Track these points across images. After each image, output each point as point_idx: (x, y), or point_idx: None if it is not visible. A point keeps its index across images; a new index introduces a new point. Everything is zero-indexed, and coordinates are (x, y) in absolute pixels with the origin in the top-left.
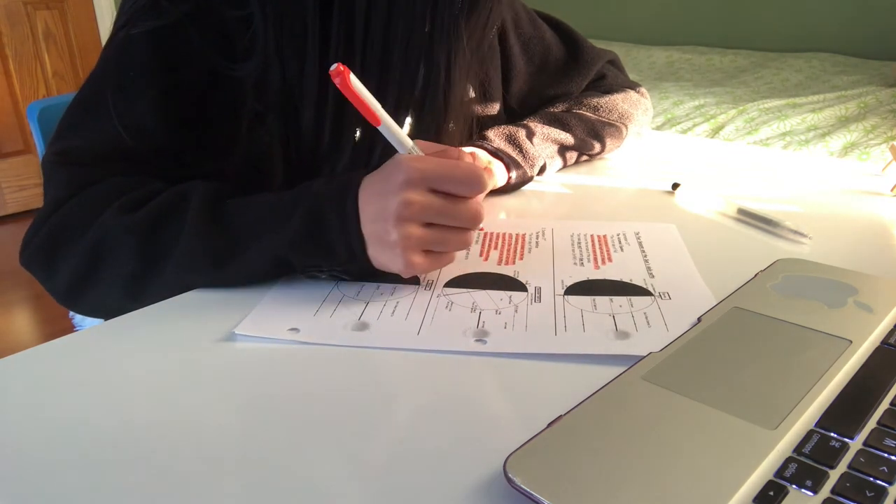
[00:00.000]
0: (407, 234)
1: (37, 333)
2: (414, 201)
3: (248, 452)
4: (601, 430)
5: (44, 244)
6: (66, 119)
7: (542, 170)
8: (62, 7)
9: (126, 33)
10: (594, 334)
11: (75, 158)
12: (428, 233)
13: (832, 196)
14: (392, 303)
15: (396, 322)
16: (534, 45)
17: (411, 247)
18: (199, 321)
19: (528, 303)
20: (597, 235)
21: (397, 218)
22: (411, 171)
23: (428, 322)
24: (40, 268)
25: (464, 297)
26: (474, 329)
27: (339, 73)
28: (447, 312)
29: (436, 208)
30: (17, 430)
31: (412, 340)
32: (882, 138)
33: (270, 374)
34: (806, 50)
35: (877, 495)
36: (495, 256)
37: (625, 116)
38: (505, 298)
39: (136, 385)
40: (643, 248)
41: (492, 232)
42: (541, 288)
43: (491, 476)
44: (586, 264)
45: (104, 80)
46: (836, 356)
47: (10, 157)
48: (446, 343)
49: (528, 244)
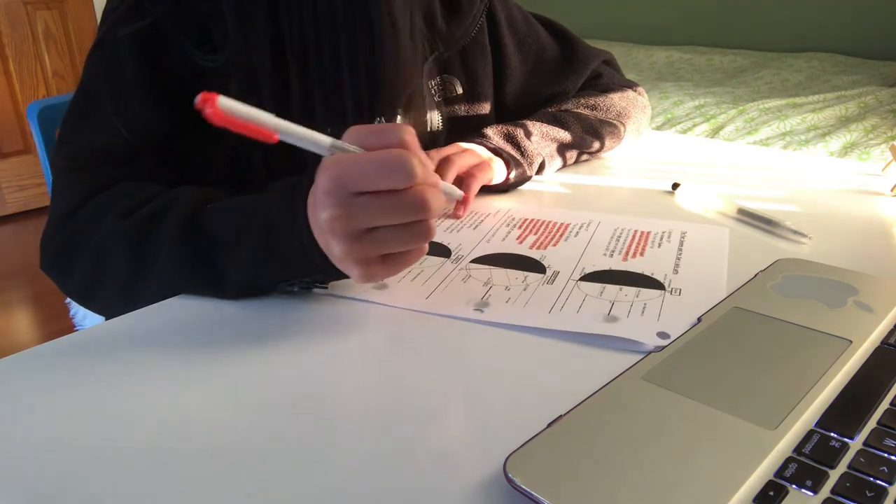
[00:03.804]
0: (347, 249)
1: (37, 333)
2: (339, 214)
3: (246, 453)
4: (601, 430)
5: (58, 251)
6: (67, 124)
7: (541, 168)
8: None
9: (113, 35)
10: (585, 316)
11: (81, 164)
12: (372, 240)
13: (832, 196)
14: (417, 270)
15: (414, 286)
16: (529, 43)
17: (357, 260)
18: (200, 321)
19: (540, 284)
20: (641, 231)
21: (331, 233)
22: (325, 180)
23: (441, 289)
24: (57, 274)
25: (483, 272)
26: (478, 300)
27: (205, 101)
28: (461, 284)
29: (367, 213)
30: (17, 430)
31: (420, 303)
32: (882, 138)
33: (270, 373)
34: (806, 50)
35: (877, 495)
36: (531, 241)
37: (623, 115)
38: (520, 277)
39: (136, 385)
40: (681, 247)
41: (535, 219)
42: (559, 272)
43: (491, 476)
44: (615, 256)
45: (97, 82)
46: (836, 356)
47: (10, 157)
48: (447, 309)
49: (568, 233)
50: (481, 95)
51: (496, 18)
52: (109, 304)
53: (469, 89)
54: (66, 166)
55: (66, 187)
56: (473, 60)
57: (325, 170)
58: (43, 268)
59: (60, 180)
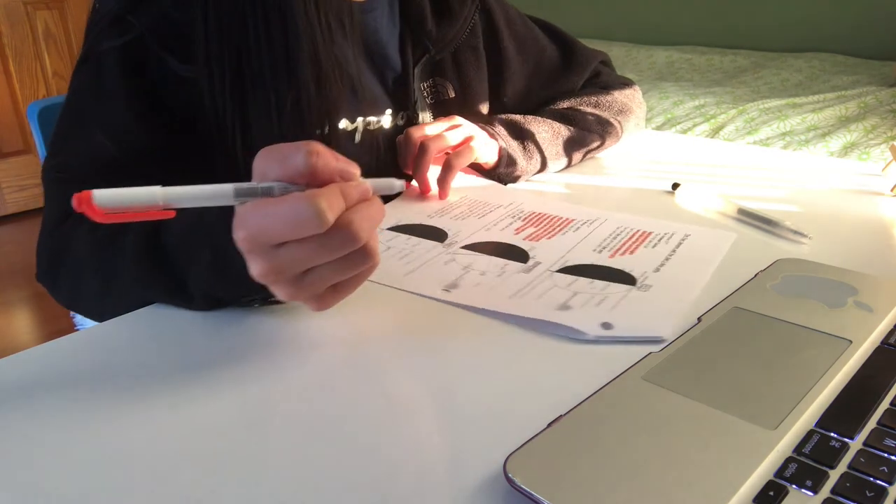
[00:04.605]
0: (290, 293)
1: (37, 333)
2: (267, 270)
3: (245, 454)
4: (601, 430)
5: (46, 265)
6: (56, 135)
7: (543, 165)
8: (62, 7)
9: (97, 50)
10: (541, 303)
11: (69, 175)
12: (312, 281)
13: (832, 196)
14: (406, 251)
15: (397, 265)
16: (528, 45)
17: (305, 298)
18: (199, 320)
19: (517, 272)
20: (642, 231)
21: (268, 282)
22: (241, 241)
23: (421, 270)
24: (49, 284)
25: (466, 258)
26: (449, 282)
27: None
28: (443, 267)
29: (294, 261)
30: (16, 430)
31: (397, 280)
32: (882, 138)
33: (270, 373)
34: (806, 50)
35: (877, 495)
36: (528, 233)
37: (624, 111)
38: (500, 264)
39: (136, 385)
40: (676, 249)
41: (542, 213)
42: (540, 263)
43: (491, 476)
44: (604, 252)
45: (83, 96)
46: (836, 356)
47: (10, 157)
48: (418, 287)
49: (569, 228)
50: (474, 100)
51: (495, 22)
52: (94, 313)
53: (461, 93)
54: (54, 178)
55: (54, 199)
56: (466, 65)
57: (237, 228)
58: (38, 279)
59: (49, 191)
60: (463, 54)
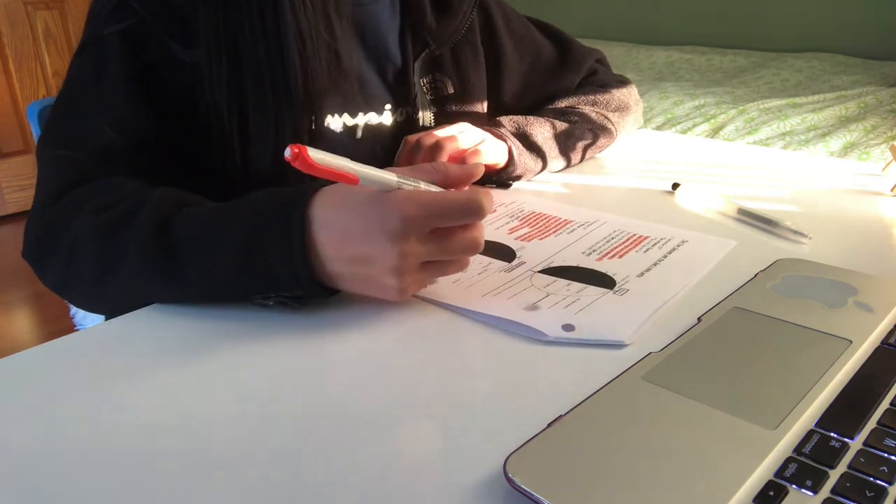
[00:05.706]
0: (406, 284)
1: (37, 333)
2: (412, 252)
3: (245, 454)
4: (601, 430)
5: (35, 241)
6: (54, 115)
7: (545, 164)
8: (62, 7)
9: (98, 34)
10: (511, 303)
11: (66, 155)
12: (426, 273)
13: (832, 196)
14: None
15: None
16: (525, 43)
17: (409, 290)
18: (199, 320)
19: (498, 271)
20: (638, 235)
21: (395, 270)
22: (408, 219)
23: None
24: (34, 263)
25: None
26: None
27: (297, 156)
28: None
29: (434, 251)
30: (17, 430)
31: None
32: (882, 138)
33: (272, 373)
34: (806, 50)
35: (877, 495)
36: (521, 233)
37: (623, 108)
38: (484, 262)
39: (136, 385)
40: (669, 255)
41: (540, 213)
42: (524, 263)
43: (491, 476)
44: (592, 255)
45: (83, 79)
46: (836, 356)
47: (10, 157)
48: None
49: (564, 230)
50: (473, 95)
51: (493, 19)
52: (81, 299)
53: (460, 89)
54: (50, 154)
55: (49, 176)
56: (465, 60)
57: (403, 207)
58: (24, 255)
59: (46, 168)
60: (462, 50)
